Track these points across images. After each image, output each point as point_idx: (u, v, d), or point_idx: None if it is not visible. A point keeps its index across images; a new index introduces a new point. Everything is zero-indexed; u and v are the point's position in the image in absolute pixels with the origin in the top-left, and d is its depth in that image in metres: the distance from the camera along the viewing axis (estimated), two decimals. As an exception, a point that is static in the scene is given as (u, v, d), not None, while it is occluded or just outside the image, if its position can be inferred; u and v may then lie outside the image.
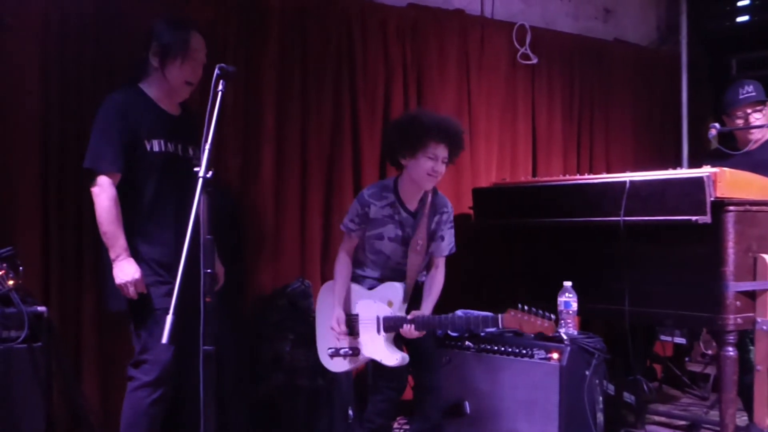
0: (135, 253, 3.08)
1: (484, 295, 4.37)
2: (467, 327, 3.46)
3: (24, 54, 3.59)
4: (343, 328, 3.46)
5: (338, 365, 3.54)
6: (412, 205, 3.52)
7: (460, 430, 3.76)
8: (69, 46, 3.69)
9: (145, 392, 3.07)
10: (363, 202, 3.53)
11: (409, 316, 3.37)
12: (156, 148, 3.14)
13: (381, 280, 3.55)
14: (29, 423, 2.93)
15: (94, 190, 3.06)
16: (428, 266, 3.62)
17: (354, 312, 3.51)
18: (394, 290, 3.45)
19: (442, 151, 3.42)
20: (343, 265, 3.56)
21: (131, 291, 3.03)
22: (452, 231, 3.61)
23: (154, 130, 3.14)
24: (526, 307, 3.24)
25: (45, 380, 3.00)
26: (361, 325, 3.47)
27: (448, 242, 3.59)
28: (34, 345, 2.95)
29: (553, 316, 3.26)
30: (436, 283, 3.55)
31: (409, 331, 3.35)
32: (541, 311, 3.24)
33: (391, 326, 3.40)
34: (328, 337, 3.53)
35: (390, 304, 3.43)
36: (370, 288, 3.53)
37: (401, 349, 3.45)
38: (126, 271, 3.03)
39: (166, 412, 3.14)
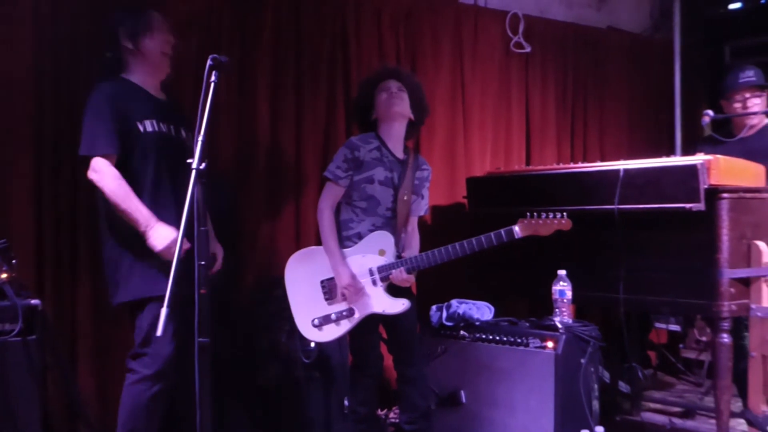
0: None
1: (479, 284, 4.36)
2: (473, 249, 3.34)
3: (17, 47, 3.58)
4: (359, 284, 3.37)
5: (329, 333, 3.39)
6: (398, 153, 3.52)
7: (457, 419, 3.77)
8: (62, 39, 3.67)
9: (145, 386, 3.05)
10: (352, 146, 3.44)
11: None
12: (149, 128, 3.15)
13: (372, 231, 3.44)
14: (25, 416, 2.92)
15: (93, 176, 3.04)
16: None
17: None
18: (385, 238, 3.42)
19: (392, 84, 3.54)
20: (330, 220, 3.42)
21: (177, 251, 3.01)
22: (428, 192, 3.66)
23: (144, 111, 3.16)
24: (536, 214, 3.31)
25: (40, 373, 2.99)
26: None
27: (426, 202, 3.64)
28: (29, 338, 2.94)
29: (565, 214, 3.31)
30: (415, 240, 3.57)
31: (398, 274, 3.33)
32: (551, 213, 3.31)
33: (389, 274, 3.36)
34: (308, 307, 3.41)
35: (382, 252, 3.39)
36: (356, 243, 3.44)
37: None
38: (164, 235, 3.01)
39: (166, 405, 3.13)
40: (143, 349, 3.07)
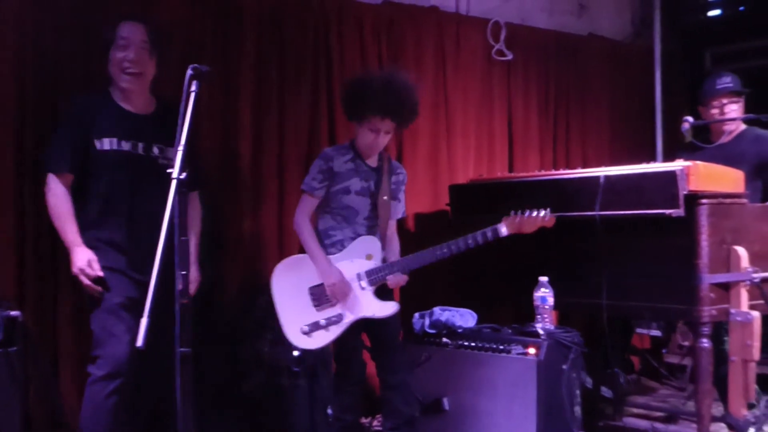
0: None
1: (463, 291, 4.37)
2: (461, 249, 3.43)
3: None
4: (346, 282, 3.39)
5: (318, 340, 3.40)
6: (372, 162, 3.54)
7: (440, 426, 3.78)
8: (44, 48, 3.65)
9: (100, 386, 3.08)
10: (326, 157, 3.47)
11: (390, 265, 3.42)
12: (107, 147, 3.18)
13: (354, 239, 3.47)
14: (7, 427, 2.91)
15: (45, 189, 3.16)
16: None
17: None
18: (371, 242, 3.46)
19: (384, 125, 3.42)
20: (309, 228, 3.45)
21: (84, 277, 3.05)
22: (404, 196, 3.70)
23: (106, 128, 3.18)
24: (519, 211, 3.41)
25: (21, 384, 2.99)
26: None
27: (402, 205, 3.69)
28: (10, 349, 2.94)
29: (549, 209, 3.38)
30: (395, 243, 3.61)
31: (395, 279, 3.40)
32: (535, 210, 3.39)
33: (378, 278, 3.41)
34: (296, 315, 3.41)
35: (369, 257, 3.43)
36: (340, 251, 3.46)
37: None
38: (78, 257, 3.08)
39: (127, 402, 3.14)
40: (96, 352, 3.11)
